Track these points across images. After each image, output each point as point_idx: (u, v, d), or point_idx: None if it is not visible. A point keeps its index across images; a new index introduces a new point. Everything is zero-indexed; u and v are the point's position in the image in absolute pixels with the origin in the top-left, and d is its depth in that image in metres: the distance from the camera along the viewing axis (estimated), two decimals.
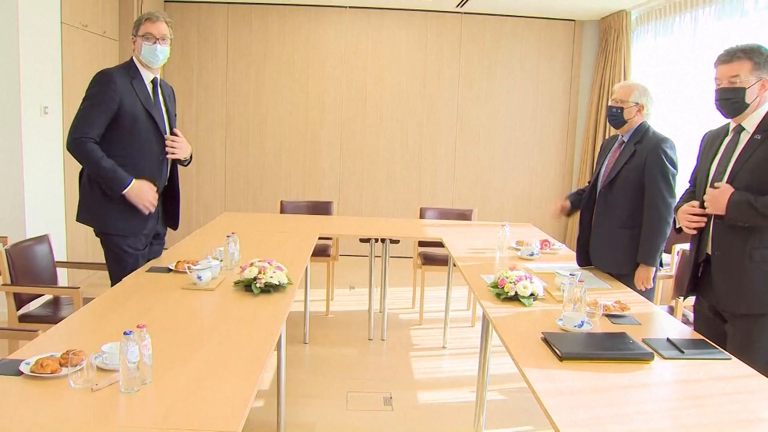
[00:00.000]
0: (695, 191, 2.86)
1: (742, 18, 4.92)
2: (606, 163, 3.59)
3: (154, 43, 3.30)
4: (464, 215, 5.69)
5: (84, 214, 3.39)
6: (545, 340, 2.39)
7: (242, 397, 1.87)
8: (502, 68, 7.67)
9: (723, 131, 2.77)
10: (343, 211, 7.69)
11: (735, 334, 2.61)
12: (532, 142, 7.82)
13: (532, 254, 3.96)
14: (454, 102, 7.70)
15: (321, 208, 5.80)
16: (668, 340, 2.45)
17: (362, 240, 4.89)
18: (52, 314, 3.54)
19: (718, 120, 2.77)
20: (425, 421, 3.71)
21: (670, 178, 3.31)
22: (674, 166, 3.33)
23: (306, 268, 4.31)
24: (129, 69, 3.36)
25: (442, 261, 5.20)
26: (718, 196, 2.57)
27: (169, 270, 3.25)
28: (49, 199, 5.34)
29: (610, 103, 3.53)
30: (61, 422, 1.70)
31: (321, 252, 5.31)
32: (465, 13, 7.50)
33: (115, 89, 3.25)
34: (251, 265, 2.99)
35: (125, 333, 1.85)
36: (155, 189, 3.36)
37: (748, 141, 2.58)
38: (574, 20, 7.61)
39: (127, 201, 3.29)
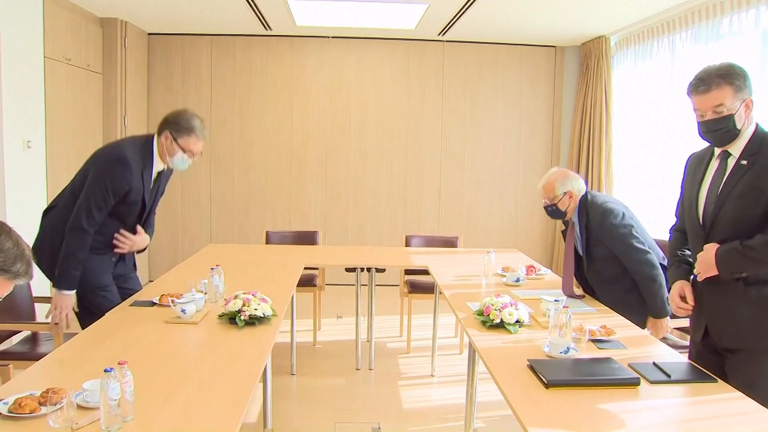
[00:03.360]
0: (685, 230, 2.76)
1: (717, 42, 5.02)
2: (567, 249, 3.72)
3: (191, 157, 3.37)
4: (450, 242, 5.70)
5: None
6: (531, 368, 2.38)
7: (227, 430, 1.84)
8: (484, 95, 7.74)
9: (708, 154, 2.63)
10: (329, 239, 7.68)
11: (733, 370, 2.49)
12: (516, 167, 7.87)
13: (517, 280, 3.96)
14: (438, 129, 7.74)
15: (306, 238, 5.79)
16: (654, 364, 2.44)
17: (348, 269, 4.88)
18: (30, 350, 3.48)
19: (698, 143, 2.70)
20: None
21: (632, 236, 3.42)
22: (626, 225, 3.45)
23: (292, 299, 4.29)
24: (144, 156, 3.36)
25: (429, 289, 5.18)
26: (705, 258, 2.48)
27: (153, 303, 3.22)
28: (31, 233, 5.25)
29: (543, 204, 3.71)
30: None
31: (307, 282, 5.29)
32: (447, 41, 7.59)
33: (131, 177, 3.28)
34: (235, 297, 2.97)
35: (106, 370, 1.82)
36: (73, 311, 3.33)
37: (734, 167, 2.46)
38: (555, 46, 7.71)
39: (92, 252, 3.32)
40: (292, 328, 4.81)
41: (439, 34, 7.26)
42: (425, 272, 4.72)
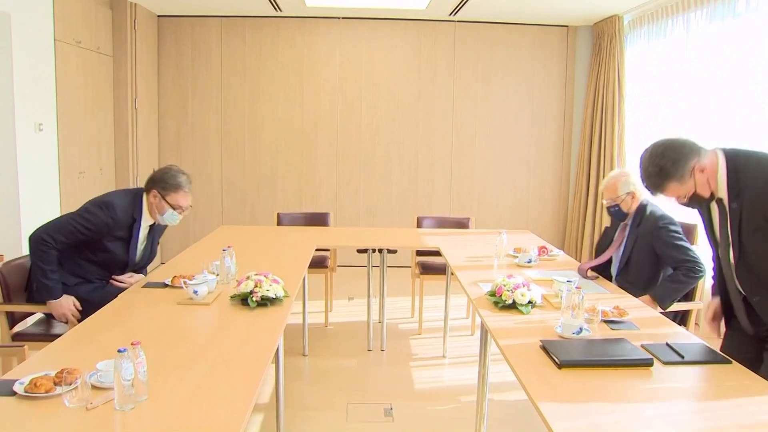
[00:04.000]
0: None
1: (734, 20, 4.93)
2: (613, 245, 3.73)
3: (181, 212, 3.44)
4: (461, 223, 5.68)
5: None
6: (543, 348, 2.38)
7: (239, 411, 1.85)
8: (496, 75, 7.68)
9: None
10: (341, 221, 7.68)
11: None
12: (528, 148, 7.82)
13: (529, 261, 3.95)
14: (449, 110, 7.70)
15: (318, 219, 5.79)
16: (667, 344, 2.43)
17: (359, 251, 4.88)
18: (44, 332, 3.50)
19: (708, 130, 2.61)
20: (426, 431, 3.69)
21: (682, 241, 3.45)
22: (678, 232, 3.48)
23: (303, 280, 4.30)
24: (134, 210, 3.45)
25: (440, 270, 5.18)
26: None
27: (165, 285, 3.24)
28: (45, 215, 5.29)
29: (605, 204, 3.67)
30: None
31: (319, 263, 5.30)
32: (458, 21, 7.52)
33: (111, 225, 3.36)
34: (247, 278, 2.98)
35: (119, 350, 1.83)
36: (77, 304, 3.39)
37: (729, 212, 2.40)
38: (567, 26, 7.63)
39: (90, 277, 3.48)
40: (303, 310, 4.83)
41: (451, 14, 7.19)
42: (437, 253, 4.71)
